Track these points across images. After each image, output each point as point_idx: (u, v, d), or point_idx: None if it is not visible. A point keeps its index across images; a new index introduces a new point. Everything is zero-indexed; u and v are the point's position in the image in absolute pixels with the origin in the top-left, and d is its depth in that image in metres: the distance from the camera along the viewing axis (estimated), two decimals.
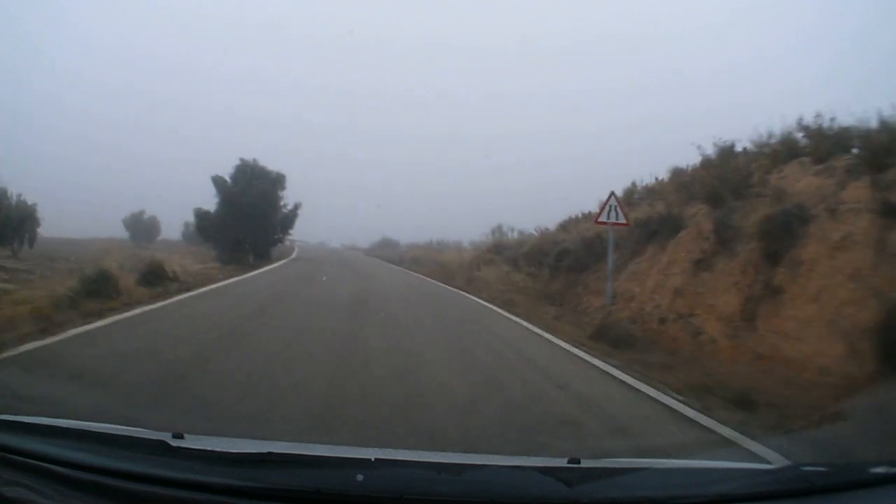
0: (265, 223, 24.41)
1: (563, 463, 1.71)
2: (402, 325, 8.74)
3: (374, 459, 1.57)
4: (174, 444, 1.62)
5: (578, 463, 1.71)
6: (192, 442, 1.68)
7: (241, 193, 23.52)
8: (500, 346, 7.58)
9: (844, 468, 1.84)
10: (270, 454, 1.56)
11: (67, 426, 1.79)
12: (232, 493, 1.44)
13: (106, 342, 6.03)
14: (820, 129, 8.63)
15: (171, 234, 40.98)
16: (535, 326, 9.11)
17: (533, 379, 5.76)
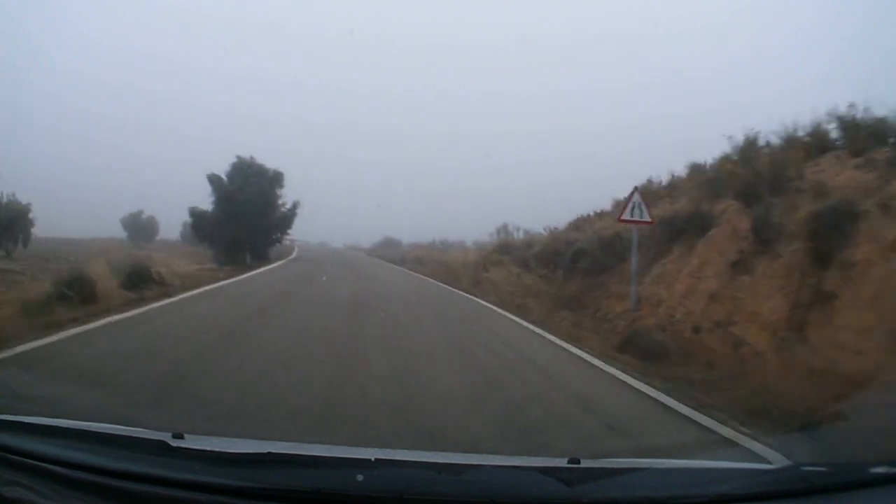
0: (263, 222, 24.11)
1: (562, 463, 1.71)
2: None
3: (373, 459, 1.57)
4: (174, 444, 1.62)
5: (578, 463, 1.70)
6: (191, 442, 1.68)
7: (237, 192, 23.15)
8: (521, 364, 6.53)
9: (845, 468, 1.83)
10: (270, 454, 1.56)
11: (67, 426, 1.79)
12: (232, 493, 1.44)
13: (42, 365, 4.94)
14: (854, 119, 8.19)
15: (170, 234, 41.06)
16: (554, 336, 8.16)
17: (570, 412, 4.56)
